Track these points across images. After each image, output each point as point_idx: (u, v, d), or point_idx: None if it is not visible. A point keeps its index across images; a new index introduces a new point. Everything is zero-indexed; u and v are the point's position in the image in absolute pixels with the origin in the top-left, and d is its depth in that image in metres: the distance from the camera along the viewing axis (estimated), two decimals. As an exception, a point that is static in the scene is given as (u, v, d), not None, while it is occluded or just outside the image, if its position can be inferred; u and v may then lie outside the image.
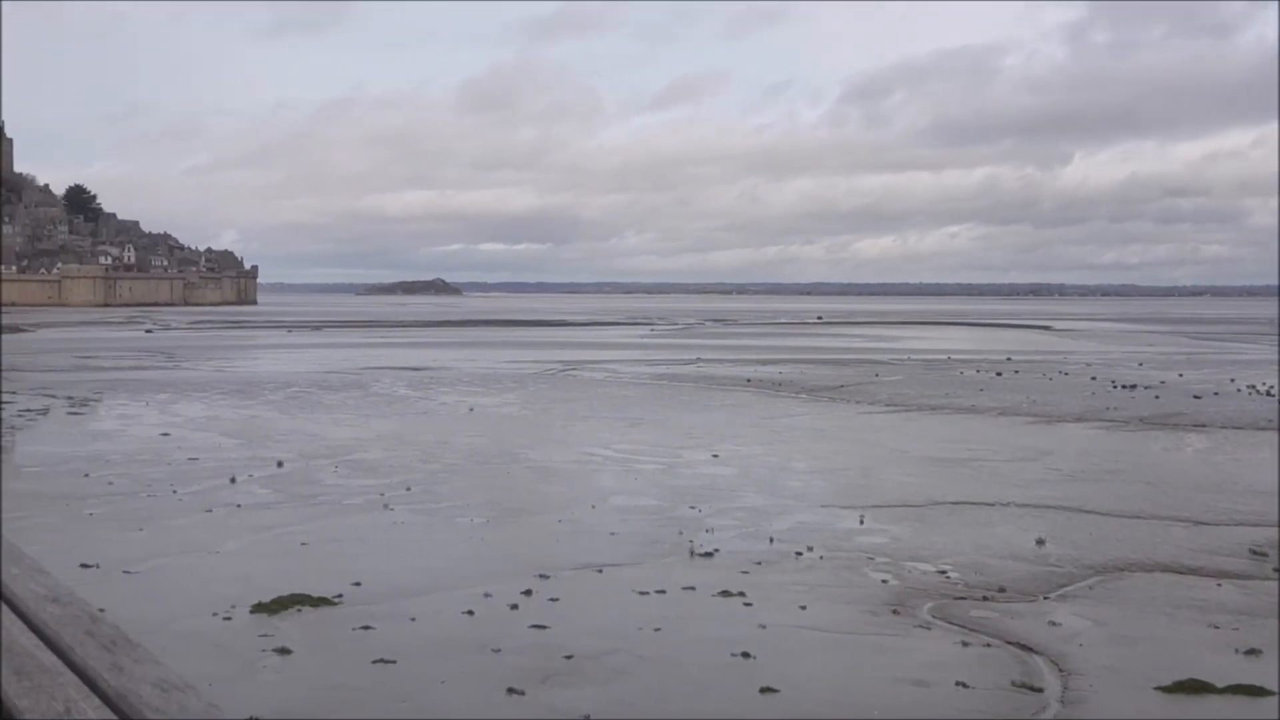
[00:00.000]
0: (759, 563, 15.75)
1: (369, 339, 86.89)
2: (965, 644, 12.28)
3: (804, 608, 13.59)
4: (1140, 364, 59.29)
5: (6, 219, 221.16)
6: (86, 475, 22.22)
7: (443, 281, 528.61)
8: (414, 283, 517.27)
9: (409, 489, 21.25)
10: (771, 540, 17.14)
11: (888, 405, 37.80)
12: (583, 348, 74.91)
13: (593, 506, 19.91)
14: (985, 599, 14.08)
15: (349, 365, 55.33)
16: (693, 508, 19.66)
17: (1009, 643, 12.34)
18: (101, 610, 1.74)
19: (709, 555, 16.21)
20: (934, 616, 13.33)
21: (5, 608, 1.74)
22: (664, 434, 29.88)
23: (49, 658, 1.54)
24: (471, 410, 35.37)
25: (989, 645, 12.27)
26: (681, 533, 17.55)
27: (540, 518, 19.02)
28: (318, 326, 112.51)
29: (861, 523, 18.69)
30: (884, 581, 14.93)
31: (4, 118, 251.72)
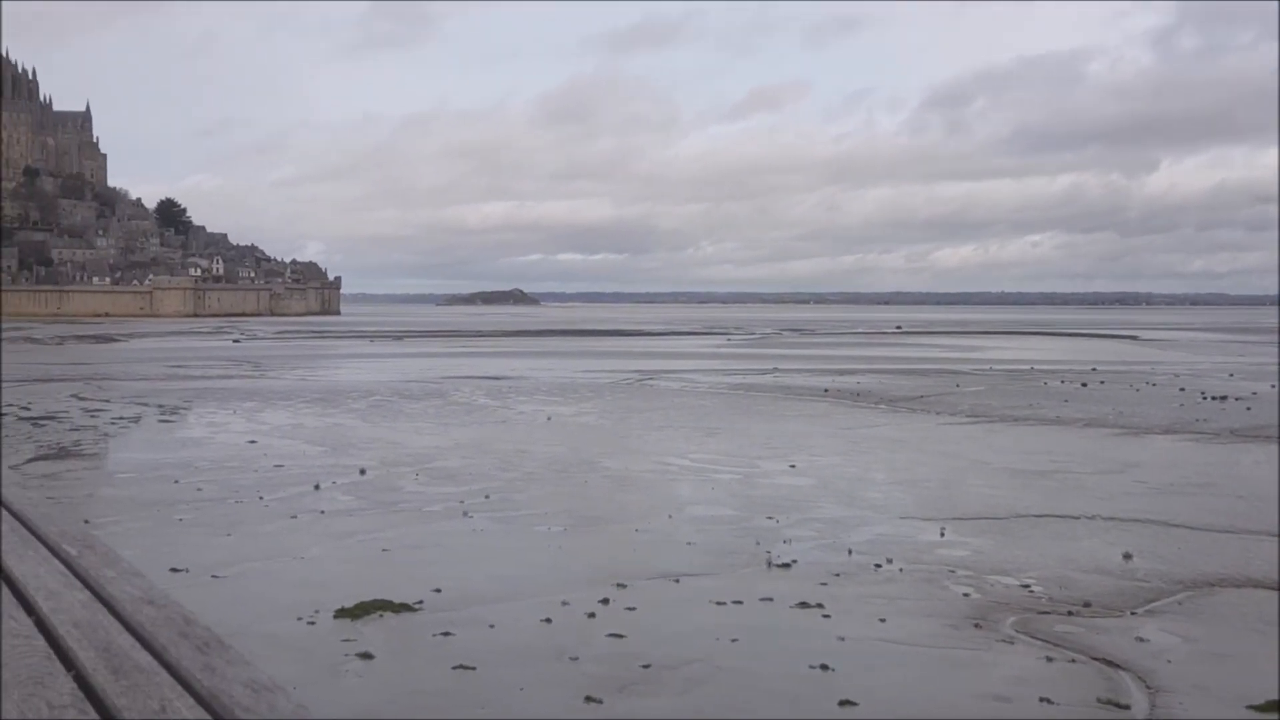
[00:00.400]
0: (837, 574, 15.61)
1: (448, 348, 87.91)
2: (1049, 659, 12.04)
3: (883, 620, 13.43)
4: (1231, 374, 57.67)
5: (101, 232, 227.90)
6: (176, 482, 22.78)
7: (521, 291, 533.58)
8: (492, 293, 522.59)
9: (488, 497, 21.44)
10: (850, 552, 16.98)
11: (969, 416, 37.24)
12: (659, 357, 74.98)
13: (669, 516, 19.90)
14: (1070, 614, 13.79)
15: (429, 374, 56.03)
16: (770, 518, 19.56)
17: (1095, 659, 12.07)
18: (192, 613, 1.79)
19: (786, 566, 16.10)
20: (1017, 631, 13.09)
21: (104, 609, 1.80)
22: (741, 444, 29.77)
23: (145, 658, 1.59)
24: (549, 419, 35.59)
25: (1074, 661, 12.01)
26: (759, 543, 17.46)
27: (617, 527, 19.06)
28: (399, 336, 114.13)
29: (942, 535, 18.43)
30: (965, 595, 14.70)
31: (99, 134, 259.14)
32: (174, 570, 14.98)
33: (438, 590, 14.32)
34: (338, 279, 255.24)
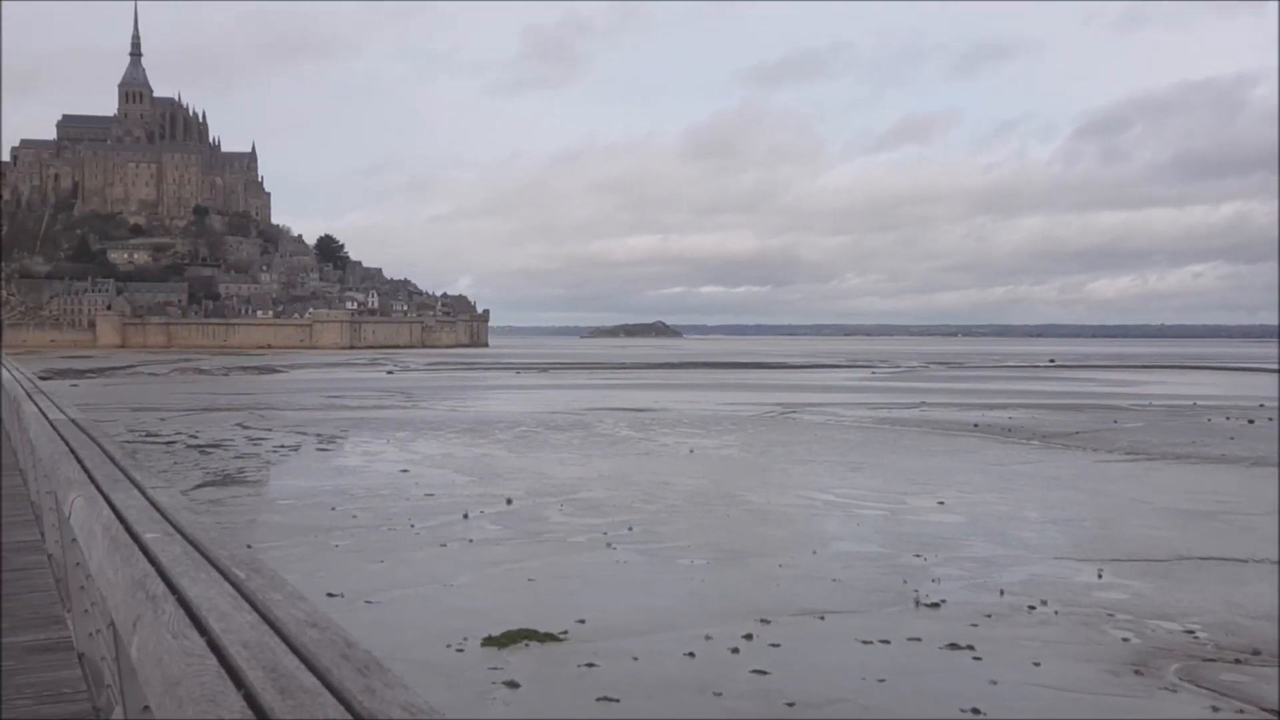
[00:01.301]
0: (988, 615, 15.16)
1: (592, 380, 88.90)
2: (1215, 709, 11.44)
3: (1038, 664, 12.97)
4: None
5: (264, 267, 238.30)
6: (333, 509, 23.55)
7: (663, 324, 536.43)
8: (635, 325, 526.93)
9: (631, 529, 21.54)
10: (1002, 592, 16.47)
11: (1128, 453, 35.80)
12: (802, 390, 74.34)
13: (814, 551, 19.66)
14: (1238, 662, 13.09)
15: (573, 406, 56.73)
16: (918, 556, 19.13)
17: (1265, 709, 11.42)
18: (353, 637, 1.85)
19: (935, 606, 15.71)
20: (1181, 679, 12.48)
21: (271, 630, 1.87)
22: (887, 479, 29.24)
23: (309, 679, 1.65)
24: (692, 452, 35.61)
25: (1242, 711, 11.38)
26: (906, 581, 17.09)
27: (761, 561, 18.90)
28: (544, 368, 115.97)
29: (1100, 577, 17.72)
30: (1125, 640, 14.09)
31: (263, 173, 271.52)
32: (330, 595, 15.47)
33: (582, 621, 14.43)
34: (486, 312, 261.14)
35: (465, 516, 22.66)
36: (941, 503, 25.24)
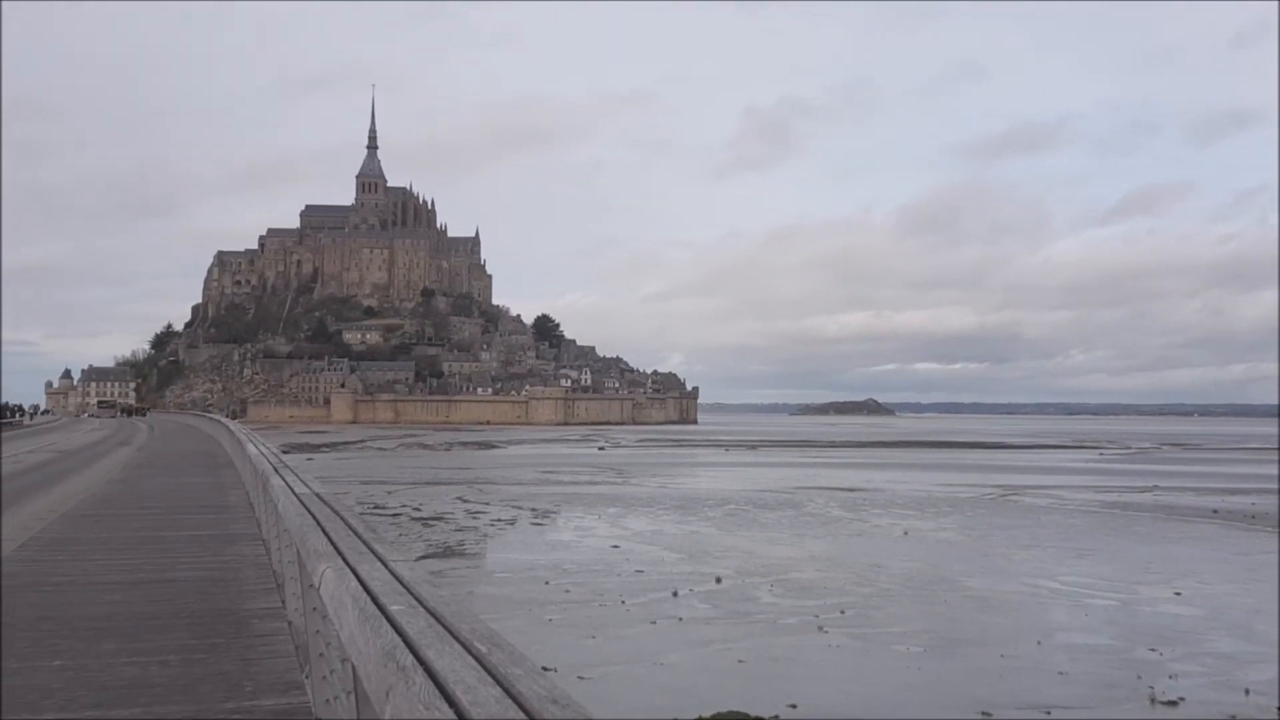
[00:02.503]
0: (1233, 717, 14.07)
1: (802, 458, 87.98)
2: None
3: (1292, 774, 11.93)
4: None
5: (485, 346, 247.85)
6: (547, 583, 24.03)
7: (875, 402, 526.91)
8: (846, 403, 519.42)
9: (844, 612, 21.09)
10: (1248, 692, 15.27)
11: (1392, 545, 32.72)
12: (1023, 471, 71.42)
13: (1038, 642, 18.75)
14: None
15: (783, 484, 56.24)
16: (1152, 650, 17.98)
17: None
18: (593, 714, 1.92)
19: (1173, 704, 14.71)
20: None
21: (515, 705, 1.96)
22: (1117, 567, 27.67)
23: (553, 754, 1.72)
24: (906, 534, 34.67)
25: None
26: (1140, 677, 16.08)
27: (981, 650, 18.16)
28: (753, 445, 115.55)
29: (1363, 681, 16.20)
30: (1396, 752, 12.81)
31: (486, 256, 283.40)
32: (544, 669, 15.70)
33: (793, 705, 14.19)
34: (695, 389, 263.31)
35: (675, 594, 22.71)
36: (1178, 593, 23.67)
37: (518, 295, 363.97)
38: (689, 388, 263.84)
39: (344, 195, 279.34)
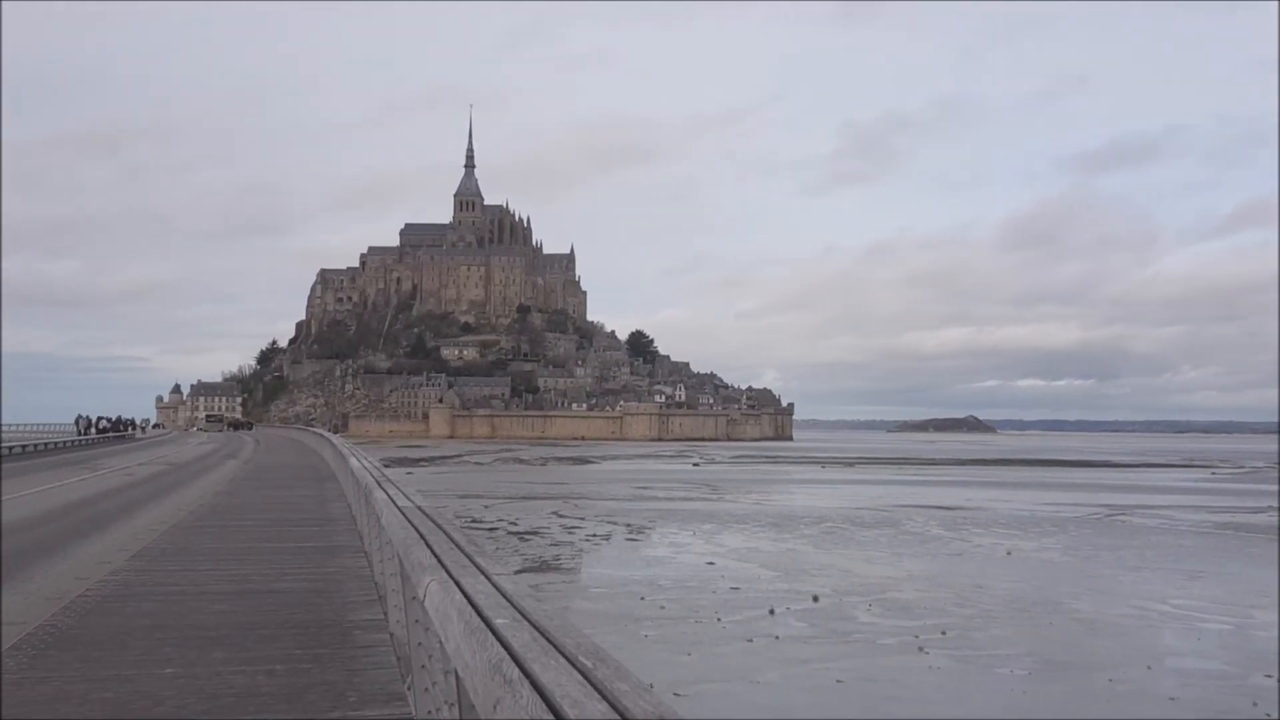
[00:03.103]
0: (1360, 750, 13.44)
1: (900, 476, 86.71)
2: None
3: None
4: None
5: (580, 362, 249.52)
6: (642, 598, 24.02)
7: (975, 419, 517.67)
8: (945, 420, 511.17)
9: (944, 633, 20.69)
10: (1376, 725, 14.59)
11: None
12: (1131, 491, 69.41)
13: (1148, 666, 18.17)
14: None
15: (881, 502, 55.48)
16: (1268, 676, 17.29)
17: None
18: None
19: (1294, 735, 14.11)
20: None
21: (620, 720, 1.93)
22: (1232, 590, 26.70)
23: (663, 771, 1.70)
24: (1009, 554, 33.92)
25: None
26: (1256, 704, 15.49)
27: (1088, 674, 17.65)
28: (850, 463, 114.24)
29: None
30: None
31: (580, 273, 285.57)
32: (640, 684, 15.69)
33: (893, 727, 13.94)
34: (790, 405, 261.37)
35: (771, 612, 22.52)
36: (1297, 619, 22.74)
37: (612, 312, 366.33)
38: (784, 404, 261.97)
39: (442, 213, 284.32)
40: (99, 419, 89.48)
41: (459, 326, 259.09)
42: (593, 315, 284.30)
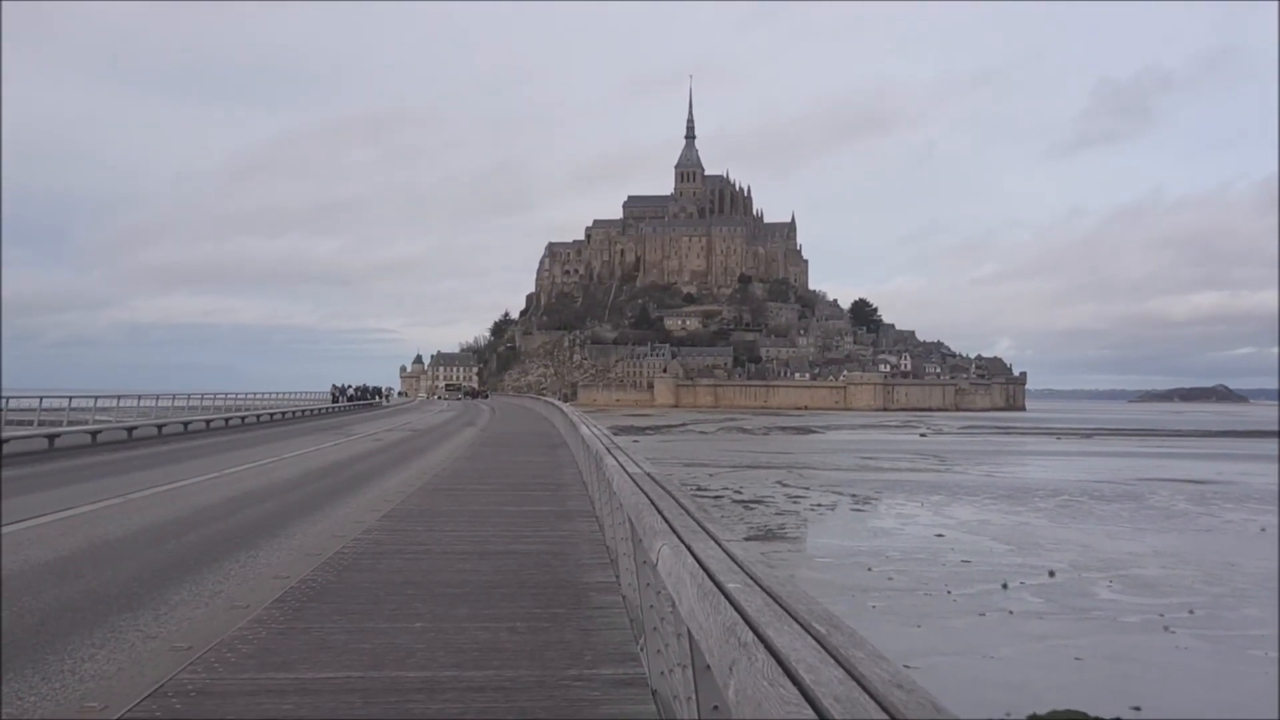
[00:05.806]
0: None
1: (1143, 448, 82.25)
2: None
3: None
4: None
5: (802, 331, 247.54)
6: (869, 569, 23.77)
7: (1225, 388, 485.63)
8: (1193, 389, 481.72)
9: (1191, 612, 19.61)
10: None
11: None
12: None
13: None
14: None
15: (1121, 475, 52.82)
16: None
17: None
18: (941, 703, 1.89)
19: None
20: None
21: (858, 687, 1.97)
22: None
23: (902, 739, 1.72)
24: (1263, 530, 31.75)
25: None
26: None
27: (1357, 662, 16.38)
28: (1088, 434, 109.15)
29: None
30: None
31: (802, 241, 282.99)
32: (867, 655, 15.57)
33: (1137, 708, 13.36)
34: (1023, 374, 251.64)
35: (1004, 586, 21.87)
36: None
37: (836, 281, 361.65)
38: (1016, 373, 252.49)
39: (664, 186, 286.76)
40: (350, 387, 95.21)
41: (681, 297, 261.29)
42: (814, 284, 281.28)
